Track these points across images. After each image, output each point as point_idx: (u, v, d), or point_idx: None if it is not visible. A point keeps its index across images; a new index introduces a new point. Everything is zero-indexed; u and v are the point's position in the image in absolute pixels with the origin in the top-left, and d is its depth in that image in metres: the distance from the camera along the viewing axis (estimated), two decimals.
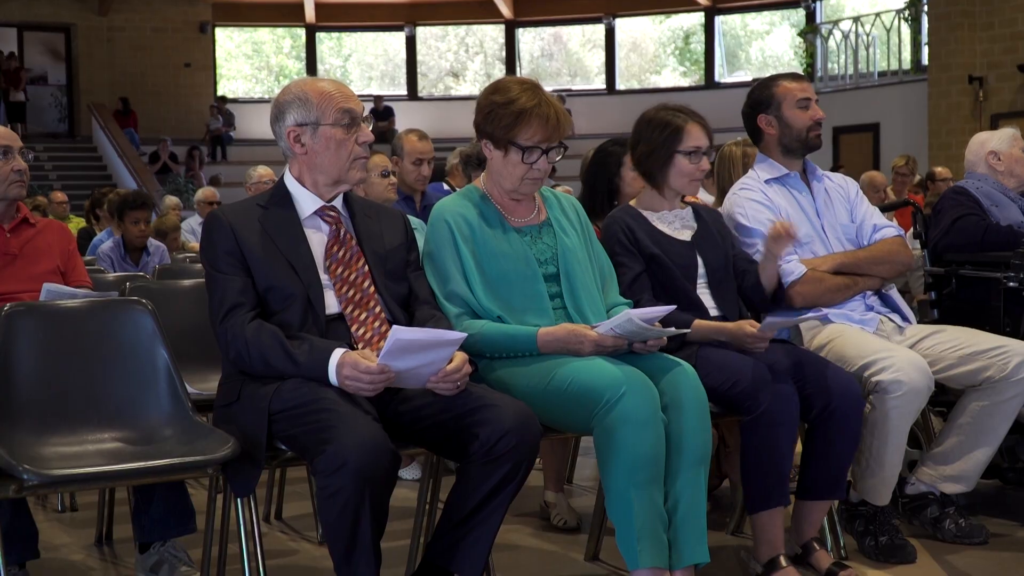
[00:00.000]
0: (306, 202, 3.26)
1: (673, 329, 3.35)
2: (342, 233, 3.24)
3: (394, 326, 2.90)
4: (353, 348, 3.08)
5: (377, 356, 2.92)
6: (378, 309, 3.19)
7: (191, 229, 10.57)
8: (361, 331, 3.15)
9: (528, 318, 3.34)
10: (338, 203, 3.31)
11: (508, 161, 3.42)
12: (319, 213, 3.25)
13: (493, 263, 3.38)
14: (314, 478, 2.90)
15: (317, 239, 3.22)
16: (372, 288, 3.21)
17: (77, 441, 3.23)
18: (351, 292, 3.19)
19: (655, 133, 3.79)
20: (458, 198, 3.53)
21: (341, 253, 3.22)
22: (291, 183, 3.29)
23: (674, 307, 3.36)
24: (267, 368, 3.04)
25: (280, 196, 3.28)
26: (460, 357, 3.03)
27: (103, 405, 3.34)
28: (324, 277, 3.18)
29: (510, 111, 3.38)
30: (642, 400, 3.04)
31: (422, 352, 2.91)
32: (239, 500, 3.08)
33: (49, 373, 3.32)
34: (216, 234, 3.16)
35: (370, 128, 3.27)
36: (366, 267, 3.23)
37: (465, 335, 2.99)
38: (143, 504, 3.63)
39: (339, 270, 3.20)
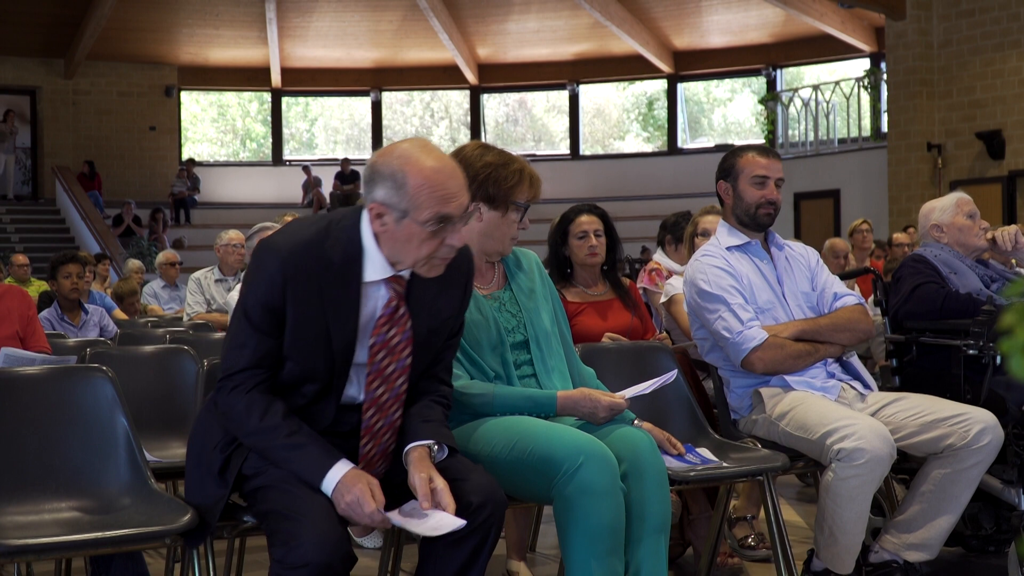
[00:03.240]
0: (375, 265, 2.85)
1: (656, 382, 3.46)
2: (399, 313, 2.88)
3: (411, 504, 2.78)
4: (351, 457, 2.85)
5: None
6: (397, 416, 2.93)
7: (153, 293, 10.50)
8: (369, 447, 2.91)
9: (498, 386, 3.34)
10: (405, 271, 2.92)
11: (506, 221, 3.41)
12: (385, 281, 2.88)
13: (467, 333, 3.33)
14: (271, 562, 2.74)
15: (369, 309, 2.88)
16: (404, 387, 2.92)
17: (34, 510, 3.18)
18: (380, 390, 2.88)
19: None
20: None
21: (391, 335, 2.88)
22: (368, 239, 2.84)
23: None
24: (253, 444, 2.84)
25: (352, 248, 2.84)
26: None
27: (61, 473, 3.29)
28: (359, 352, 2.88)
29: (512, 171, 3.40)
30: (600, 470, 3.02)
31: (425, 521, 2.77)
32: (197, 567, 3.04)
33: (6, 440, 3.27)
34: (264, 278, 2.79)
35: (463, 224, 2.84)
36: (408, 359, 2.91)
37: (463, 523, 2.75)
38: (100, 573, 3.58)
39: (381, 356, 2.87)
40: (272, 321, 2.80)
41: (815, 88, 19.45)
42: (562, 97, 25.17)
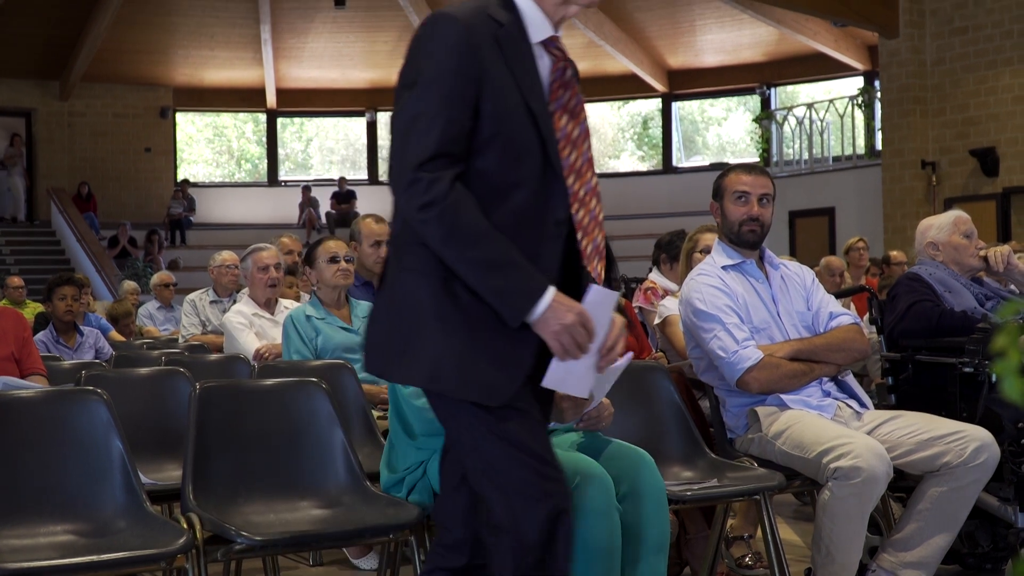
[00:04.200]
0: (537, 24, 2.57)
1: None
2: (568, 75, 2.59)
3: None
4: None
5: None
6: (596, 194, 2.63)
7: (148, 314, 10.51)
8: (584, 242, 2.61)
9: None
10: None
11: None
12: (545, 43, 2.58)
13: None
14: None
15: (543, 75, 2.58)
16: (591, 154, 2.62)
17: (29, 534, 3.18)
18: (573, 156, 2.57)
19: None
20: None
21: (567, 98, 2.57)
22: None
23: None
24: (459, 255, 2.42)
25: (511, 9, 2.56)
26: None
27: (56, 496, 3.29)
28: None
29: None
30: (596, 491, 3.01)
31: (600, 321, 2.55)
32: None
33: (1, 463, 3.26)
34: (447, 45, 2.45)
35: None
36: (586, 122, 2.61)
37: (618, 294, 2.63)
38: None
39: (565, 122, 2.56)
40: (466, 91, 2.44)
41: (809, 106, 19.50)
42: None
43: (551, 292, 2.44)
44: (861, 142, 18.79)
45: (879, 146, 17.69)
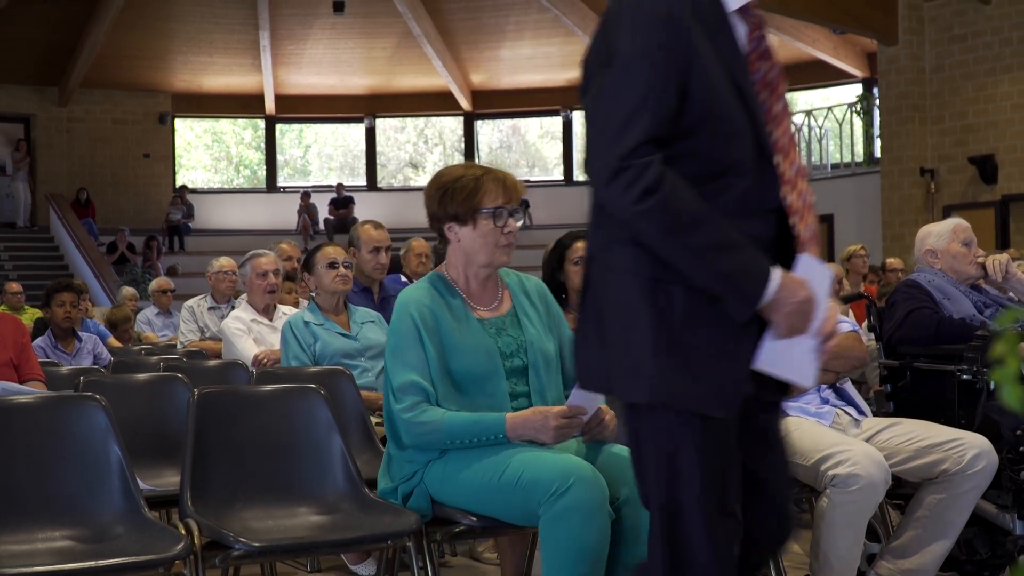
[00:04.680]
0: None
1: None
2: (764, 45, 2.38)
3: None
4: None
5: None
6: (804, 174, 2.47)
7: (147, 320, 10.50)
8: (799, 226, 2.38)
9: (448, 413, 3.29)
10: None
11: (479, 232, 3.38)
12: (742, 11, 2.37)
13: (458, 358, 3.33)
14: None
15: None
16: (791, 131, 2.45)
17: (27, 539, 3.18)
18: (778, 134, 2.38)
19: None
20: (423, 288, 3.45)
21: (766, 70, 2.38)
22: None
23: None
24: (682, 243, 2.22)
25: None
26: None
27: (54, 502, 3.29)
28: None
29: (464, 183, 3.38)
30: (590, 492, 3.01)
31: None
32: None
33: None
34: (653, 16, 2.23)
35: None
36: (785, 95, 2.41)
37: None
38: None
39: (765, 96, 2.37)
40: (673, 68, 2.21)
41: (808, 113, 19.52)
42: (556, 123, 25.22)
43: (778, 270, 2.27)
44: (860, 149, 18.81)
45: (878, 153, 17.71)
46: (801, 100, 22.93)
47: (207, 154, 26.34)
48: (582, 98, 2.34)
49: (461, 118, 25.26)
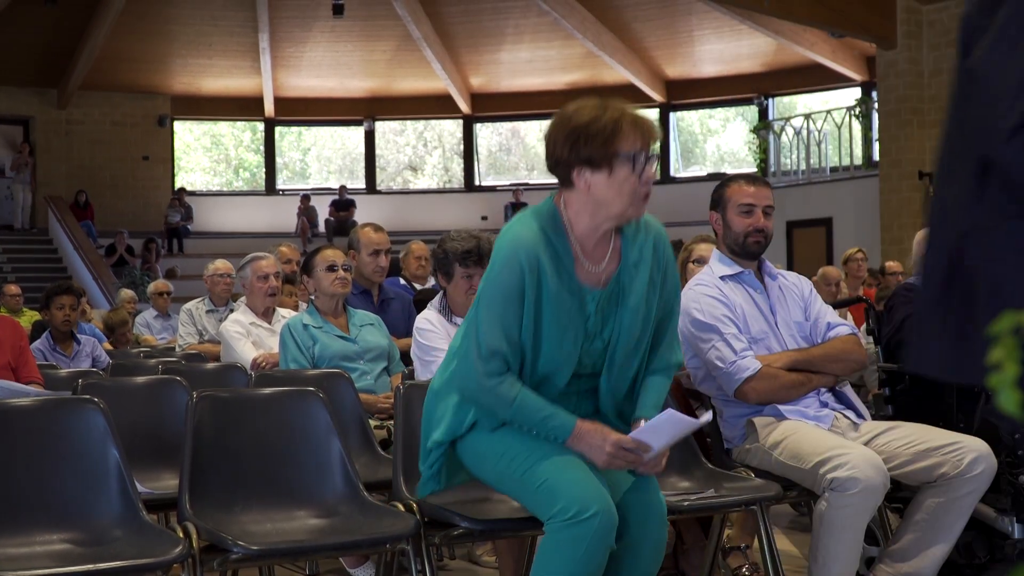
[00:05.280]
0: None
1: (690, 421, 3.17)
2: None
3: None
4: None
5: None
6: None
7: (145, 323, 10.50)
8: None
9: (541, 389, 3.10)
10: None
11: (615, 179, 3.06)
12: None
13: (544, 331, 3.06)
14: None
15: None
16: None
17: (25, 542, 3.17)
18: None
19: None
20: (535, 230, 3.12)
21: None
22: None
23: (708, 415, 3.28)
24: None
25: None
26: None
27: (52, 505, 3.29)
28: None
29: (602, 125, 3.06)
30: (603, 527, 2.95)
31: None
32: None
33: None
34: None
35: None
36: None
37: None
38: None
39: None
40: None
41: (807, 117, 19.52)
42: None
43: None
44: (859, 152, 18.81)
45: (876, 157, 17.71)
46: (800, 103, 22.95)
47: (206, 156, 26.34)
48: (969, 46, 1.99)
49: (460, 121, 25.27)
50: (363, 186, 25.09)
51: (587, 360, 3.15)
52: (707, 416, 3.23)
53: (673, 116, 24.38)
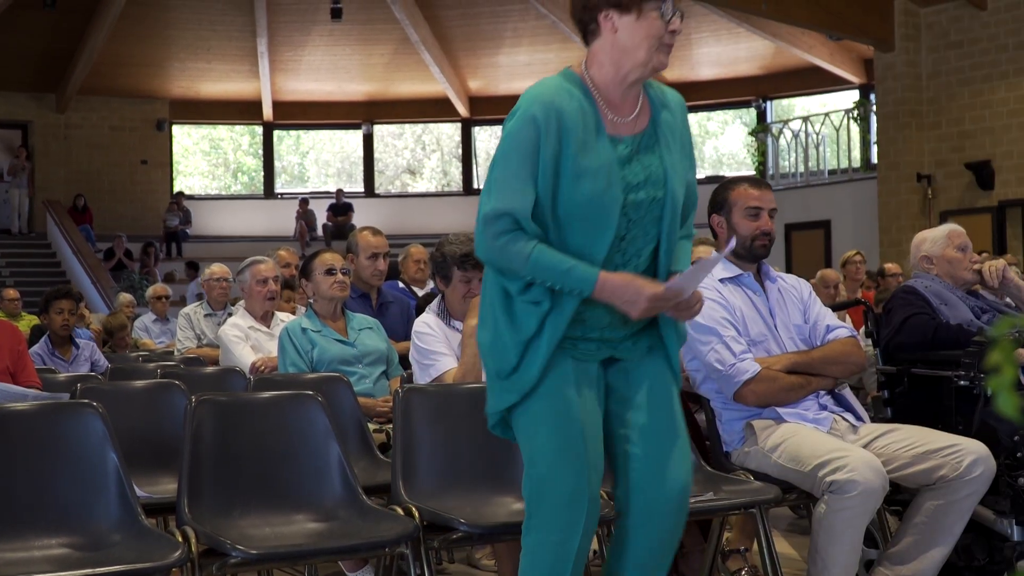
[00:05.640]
0: None
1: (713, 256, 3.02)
2: None
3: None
4: None
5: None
6: None
7: (144, 327, 10.49)
8: None
9: (539, 245, 2.91)
10: None
11: (643, 24, 2.92)
12: None
13: (573, 185, 2.88)
14: None
15: None
16: None
17: (23, 547, 3.17)
18: None
19: None
20: (555, 86, 2.97)
21: None
22: None
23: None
24: None
25: None
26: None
27: (51, 510, 3.28)
28: None
29: None
30: (578, 542, 2.93)
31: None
32: None
33: None
34: None
35: None
36: None
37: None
38: None
39: None
40: None
41: (805, 120, 19.53)
42: None
43: None
44: (857, 155, 18.82)
45: (875, 159, 17.72)
46: (798, 106, 22.96)
47: (204, 160, 26.34)
48: None
49: (459, 124, 25.28)
50: (361, 189, 25.09)
51: (634, 226, 2.98)
52: (732, 244, 3.23)
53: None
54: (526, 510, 2.99)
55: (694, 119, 25.26)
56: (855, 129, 18.87)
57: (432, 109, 24.75)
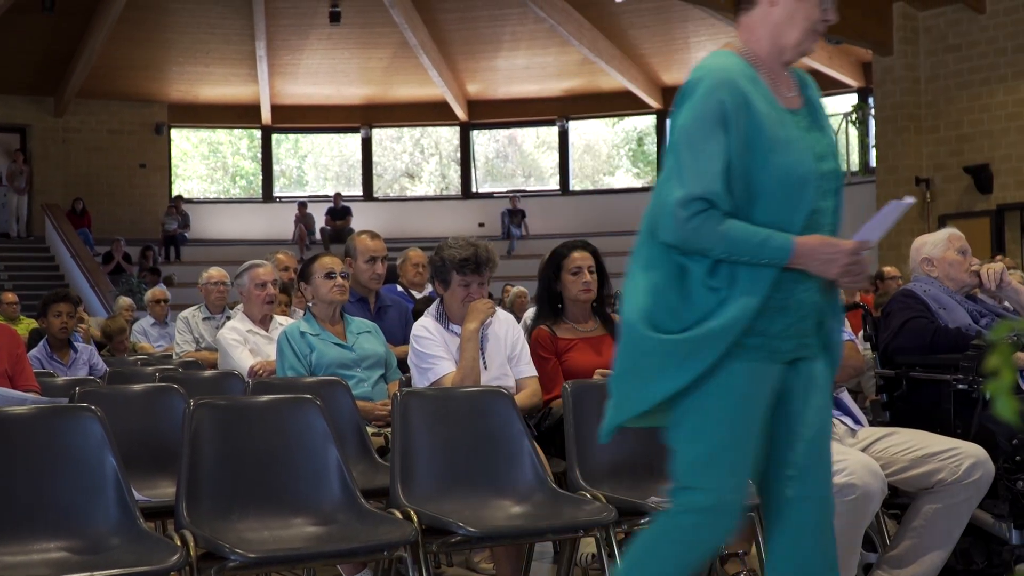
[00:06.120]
0: None
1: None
2: None
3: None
4: None
5: None
6: None
7: (143, 330, 10.48)
8: None
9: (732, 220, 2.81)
10: None
11: (802, 5, 2.89)
12: None
13: (771, 158, 2.81)
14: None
15: None
16: None
17: (23, 550, 3.17)
18: None
19: None
20: (732, 64, 2.89)
21: None
22: None
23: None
24: None
25: None
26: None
27: (50, 513, 3.29)
28: None
29: None
30: (720, 526, 2.86)
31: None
32: None
33: None
34: None
35: None
36: None
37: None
38: None
39: None
40: None
41: None
42: (552, 133, 25.23)
43: None
44: (855, 159, 18.83)
45: (873, 163, 17.73)
46: None
47: (203, 164, 26.35)
48: None
49: (457, 128, 25.29)
50: (360, 193, 25.09)
51: (821, 198, 2.98)
52: (911, 199, 3.16)
53: (670, 123, 24.36)
54: (675, 495, 2.87)
55: None
56: (853, 133, 18.88)
57: (431, 113, 24.76)
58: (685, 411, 2.85)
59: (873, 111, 17.69)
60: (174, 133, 24.65)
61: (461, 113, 24.62)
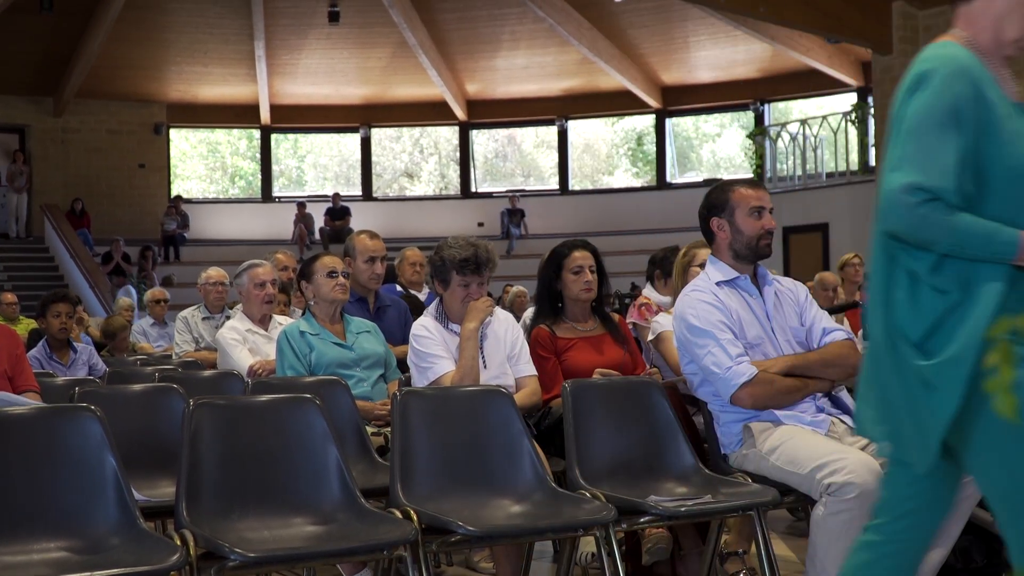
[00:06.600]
0: None
1: None
2: None
3: None
4: None
5: None
6: None
7: (142, 330, 10.49)
8: None
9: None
10: None
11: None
12: None
13: (1003, 154, 2.67)
14: None
15: None
16: None
17: (23, 550, 3.17)
18: None
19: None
20: (962, 54, 2.84)
21: None
22: None
23: None
24: None
25: None
26: None
27: (50, 513, 3.29)
28: None
29: None
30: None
31: None
32: None
33: None
34: None
35: None
36: None
37: None
38: None
39: None
40: None
41: (803, 122, 19.53)
42: (551, 133, 25.25)
43: None
44: (855, 158, 18.81)
45: (873, 162, 17.72)
46: (796, 109, 22.99)
47: (202, 164, 26.35)
48: None
49: (456, 128, 25.30)
50: (359, 193, 25.09)
51: None
52: None
53: (669, 122, 24.42)
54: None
55: (691, 122, 25.36)
56: (853, 132, 18.87)
57: (430, 112, 24.77)
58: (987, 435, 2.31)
59: (872, 110, 17.68)
60: (173, 133, 24.66)
61: (460, 113, 24.63)
